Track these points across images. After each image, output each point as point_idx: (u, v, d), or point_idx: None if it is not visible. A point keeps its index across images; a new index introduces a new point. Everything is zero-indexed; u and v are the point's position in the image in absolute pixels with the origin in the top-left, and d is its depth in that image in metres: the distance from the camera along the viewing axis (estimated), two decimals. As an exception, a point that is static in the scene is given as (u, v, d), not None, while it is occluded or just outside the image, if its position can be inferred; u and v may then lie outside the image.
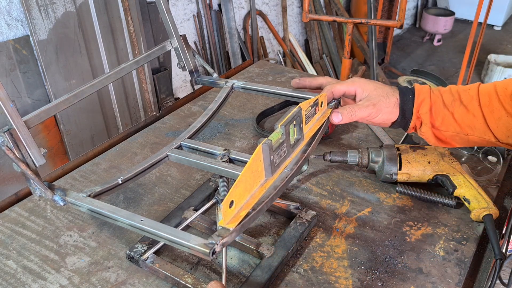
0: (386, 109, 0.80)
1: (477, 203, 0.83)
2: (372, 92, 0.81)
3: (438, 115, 0.80)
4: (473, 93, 0.79)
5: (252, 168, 0.60)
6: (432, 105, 0.80)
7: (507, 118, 0.76)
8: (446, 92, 0.81)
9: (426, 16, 4.61)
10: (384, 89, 0.82)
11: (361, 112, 0.79)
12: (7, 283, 0.73)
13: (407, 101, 0.81)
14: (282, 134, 0.67)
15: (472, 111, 0.78)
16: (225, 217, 0.56)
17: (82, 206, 0.67)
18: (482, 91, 0.79)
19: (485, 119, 0.77)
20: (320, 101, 0.82)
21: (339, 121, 0.80)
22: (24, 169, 0.66)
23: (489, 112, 0.77)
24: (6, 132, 0.65)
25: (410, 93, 0.82)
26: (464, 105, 0.79)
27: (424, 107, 0.80)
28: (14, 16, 1.97)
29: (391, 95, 0.81)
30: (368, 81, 0.84)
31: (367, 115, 0.80)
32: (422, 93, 0.81)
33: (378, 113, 0.80)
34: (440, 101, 0.80)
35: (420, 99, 0.80)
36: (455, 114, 0.79)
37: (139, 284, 0.73)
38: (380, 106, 0.80)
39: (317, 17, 2.27)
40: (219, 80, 0.99)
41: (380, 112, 0.80)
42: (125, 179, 0.73)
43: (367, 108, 0.80)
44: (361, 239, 0.82)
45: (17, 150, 0.66)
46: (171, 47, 0.97)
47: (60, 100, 0.76)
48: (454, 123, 0.79)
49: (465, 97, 0.79)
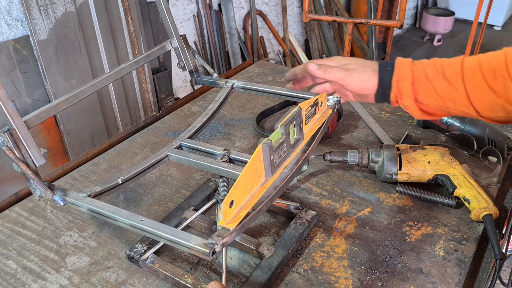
0: (360, 77, 0.83)
1: (477, 203, 0.83)
2: (350, 62, 0.86)
3: (421, 89, 0.81)
4: (457, 67, 0.80)
5: (252, 168, 0.60)
6: (414, 78, 0.81)
7: (489, 93, 0.77)
8: (429, 66, 0.82)
9: (426, 16, 4.61)
10: (361, 61, 0.86)
11: (335, 73, 0.84)
12: (7, 283, 0.73)
13: (386, 72, 0.83)
14: (282, 134, 0.67)
15: (455, 86, 0.79)
16: (225, 217, 0.56)
17: (82, 206, 0.67)
18: (467, 66, 0.79)
19: (468, 94, 0.78)
20: (320, 101, 0.83)
21: (314, 69, 0.85)
22: (24, 169, 0.66)
23: (472, 87, 0.78)
24: (6, 132, 0.65)
25: (390, 65, 0.84)
26: (447, 79, 0.79)
27: (406, 81, 0.82)
28: (14, 16, 1.97)
29: (368, 66, 0.85)
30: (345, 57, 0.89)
31: (341, 77, 0.84)
32: (403, 66, 0.82)
33: (352, 78, 0.84)
34: (423, 75, 0.81)
35: (401, 72, 0.82)
36: (438, 89, 0.80)
37: (139, 284, 0.73)
38: (354, 72, 0.84)
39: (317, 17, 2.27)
40: (219, 80, 0.99)
41: (354, 78, 0.84)
42: (125, 179, 0.73)
43: (341, 71, 0.84)
44: (361, 239, 0.82)
45: (17, 150, 0.66)
46: (171, 47, 0.97)
47: (60, 100, 0.77)
48: (437, 96, 0.80)
49: (448, 71, 0.80)
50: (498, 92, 0.76)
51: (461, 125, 1.05)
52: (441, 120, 1.09)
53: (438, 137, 1.06)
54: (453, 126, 1.07)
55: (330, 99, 0.87)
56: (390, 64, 0.84)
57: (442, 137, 1.06)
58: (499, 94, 0.76)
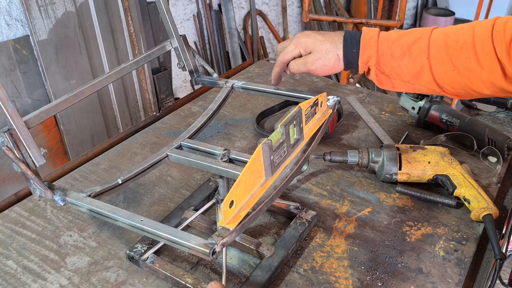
0: (325, 67, 0.87)
1: (477, 203, 0.83)
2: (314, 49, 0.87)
3: (386, 67, 0.83)
4: (423, 44, 0.80)
5: (252, 168, 0.60)
6: (379, 57, 0.83)
7: (452, 73, 0.77)
8: (395, 43, 0.82)
9: (426, 16, 4.61)
10: (324, 46, 0.87)
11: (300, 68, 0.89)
12: (7, 283, 0.73)
13: (352, 55, 0.85)
14: (282, 134, 0.67)
15: (420, 64, 0.80)
16: (225, 217, 0.56)
17: (82, 206, 0.67)
18: (433, 41, 0.80)
19: (432, 72, 0.80)
20: (320, 101, 0.83)
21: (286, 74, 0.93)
22: (24, 169, 0.66)
23: (436, 64, 0.79)
24: (6, 132, 0.65)
25: (355, 45, 0.85)
26: (413, 58, 0.80)
27: (371, 61, 0.84)
28: (14, 16, 1.97)
29: (331, 52, 0.86)
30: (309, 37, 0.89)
31: (306, 70, 0.89)
32: (368, 47, 0.83)
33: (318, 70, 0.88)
34: (388, 53, 0.82)
35: (366, 54, 0.84)
36: (403, 67, 0.81)
37: (139, 284, 0.73)
38: (318, 63, 0.87)
39: (317, 17, 2.27)
40: (219, 80, 0.99)
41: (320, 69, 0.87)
42: (125, 179, 0.73)
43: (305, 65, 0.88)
44: (361, 239, 0.82)
45: (17, 150, 0.66)
46: (171, 47, 0.98)
47: (60, 100, 0.77)
48: (401, 73, 0.82)
49: (415, 49, 0.81)
50: (461, 72, 0.77)
51: (461, 125, 1.05)
52: (441, 120, 1.09)
53: (438, 137, 1.06)
54: (453, 126, 1.07)
55: (330, 99, 0.87)
56: (355, 43, 0.84)
57: (442, 137, 1.06)
58: (462, 74, 0.77)
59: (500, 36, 0.72)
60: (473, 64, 0.75)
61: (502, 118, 1.20)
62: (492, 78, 0.74)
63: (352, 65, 0.86)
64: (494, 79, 0.74)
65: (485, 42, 0.73)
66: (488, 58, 0.73)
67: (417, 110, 1.13)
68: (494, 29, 0.73)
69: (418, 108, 1.13)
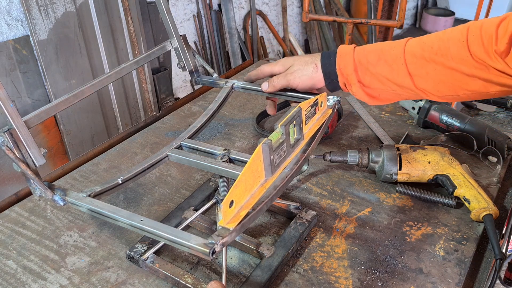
0: (304, 77, 0.87)
1: (477, 203, 0.83)
2: (293, 63, 0.90)
3: (364, 74, 0.84)
4: (398, 51, 0.81)
5: (252, 168, 0.60)
6: (356, 65, 0.84)
7: (434, 73, 0.78)
8: (371, 52, 0.84)
9: (426, 16, 4.61)
10: (303, 59, 0.90)
11: (280, 80, 0.89)
12: (7, 283, 0.73)
13: (329, 63, 0.86)
14: (282, 134, 0.67)
15: (396, 70, 0.80)
16: (225, 217, 0.56)
17: (82, 206, 0.67)
18: (409, 50, 0.80)
19: (411, 77, 0.80)
20: (320, 101, 0.83)
21: (266, 89, 0.91)
22: (24, 169, 0.66)
23: (415, 69, 0.79)
24: (6, 132, 0.65)
25: (332, 55, 0.87)
26: (389, 64, 0.81)
27: (348, 68, 0.84)
28: (14, 16, 1.97)
29: (309, 63, 0.88)
30: (291, 57, 0.93)
31: (286, 83, 0.89)
32: (345, 54, 0.85)
33: (296, 80, 0.88)
34: (364, 61, 0.83)
35: (343, 61, 0.85)
36: (381, 73, 0.82)
37: (139, 284, 0.73)
38: (297, 74, 0.88)
39: (317, 17, 2.27)
40: (219, 80, 0.99)
41: (297, 79, 0.88)
42: (125, 179, 0.73)
43: (285, 77, 0.89)
44: (361, 239, 0.82)
45: (17, 150, 0.66)
46: (171, 47, 0.98)
47: (60, 100, 0.76)
48: (382, 79, 0.82)
49: (389, 56, 0.82)
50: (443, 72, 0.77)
51: (461, 125, 1.05)
52: (441, 120, 1.09)
53: (438, 137, 1.06)
54: (453, 126, 1.07)
55: (330, 99, 0.87)
56: (333, 54, 0.87)
57: (442, 137, 1.06)
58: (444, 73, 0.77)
59: (477, 39, 0.73)
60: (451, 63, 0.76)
61: (502, 118, 1.20)
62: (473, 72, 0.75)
63: (330, 74, 0.87)
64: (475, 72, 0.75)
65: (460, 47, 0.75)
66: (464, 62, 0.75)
67: (417, 110, 1.13)
68: (470, 33, 0.75)
69: (418, 108, 1.13)
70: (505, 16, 0.72)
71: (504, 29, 0.71)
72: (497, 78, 0.74)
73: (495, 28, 0.72)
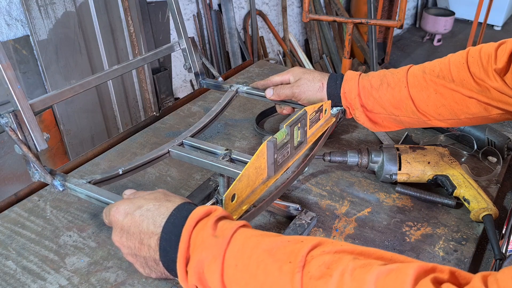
0: (309, 92, 0.90)
1: (476, 203, 0.83)
2: (302, 77, 0.92)
3: (368, 99, 0.85)
4: (400, 75, 0.83)
5: (256, 164, 0.60)
6: (360, 90, 0.86)
7: (435, 96, 0.79)
8: (374, 77, 0.86)
9: (426, 16, 4.61)
10: (313, 74, 0.92)
11: (286, 90, 0.93)
12: (6, 283, 0.73)
13: (334, 86, 0.89)
14: (287, 134, 0.67)
15: (398, 92, 0.82)
16: (227, 210, 0.56)
17: (81, 192, 0.66)
18: (411, 73, 0.83)
19: (413, 100, 0.81)
20: (325, 108, 0.83)
21: (270, 96, 0.95)
22: (25, 151, 0.65)
23: (416, 91, 0.81)
24: (11, 112, 0.64)
25: (339, 78, 0.89)
26: (391, 87, 0.83)
27: (352, 93, 0.86)
28: (14, 16, 1.97)
29: (317, 81, 0.90)
30: (302, 69, 0.95)
31: (291, 94, 0.92)
32: (350, 79, 0.87)
33: (302, 94, 0.91)
34: (368, 85, 0.85)
35: (348, 85, 0.87)
36: (383, 97, 0.84)
37: (139, 284, 0.73)
38: (303, 88, 0.91)
39: (317, 17, 2.27)
40: (224, 83, 1.00)
41: (303, 93, 0.91)
42: (126, 170, 0.73)
43: (291, 88, 0.92)
44: (361, 239, 0.82)
45: (20, 132, 0.65)
46: (179, 48, 0.98)
47: (66, 88, 0.76)
48: (383, 104, 0.84)
49: (392, 79, 0.83)
50: (444, 94, 0.79)
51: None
52: (441, 120, 1.08)
53: (438, 137, 1.06)
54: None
55: (333, 108, 0.89)
56: (340, 77, 0.89)
57: (442, 137, 1.06)
58: (445, 96, 0.79)
59: (476, 60, 0.76)
60: (452, 85, 0.78)
61: (502, 118, 1.20)
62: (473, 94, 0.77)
63: (334, 97, 0.88)
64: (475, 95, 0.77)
65: (460, 69, 0.77)
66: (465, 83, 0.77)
67: (417, 110, 1.13)
68: (469, 55, 0.77)
69: (418, 108, 1.13)
70: (504, 40, 0.75)
71: (503, 50, 0.73)
72: (497, 99, 0.75)
73: (494, 49, 0.75)
